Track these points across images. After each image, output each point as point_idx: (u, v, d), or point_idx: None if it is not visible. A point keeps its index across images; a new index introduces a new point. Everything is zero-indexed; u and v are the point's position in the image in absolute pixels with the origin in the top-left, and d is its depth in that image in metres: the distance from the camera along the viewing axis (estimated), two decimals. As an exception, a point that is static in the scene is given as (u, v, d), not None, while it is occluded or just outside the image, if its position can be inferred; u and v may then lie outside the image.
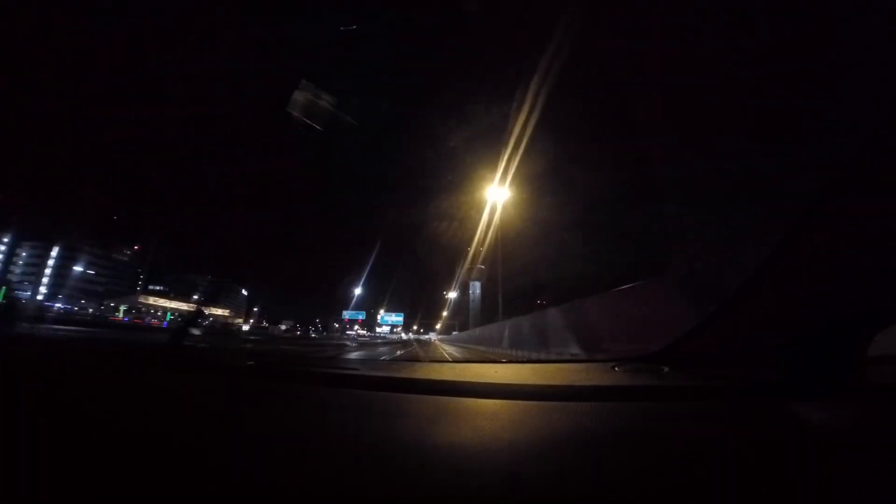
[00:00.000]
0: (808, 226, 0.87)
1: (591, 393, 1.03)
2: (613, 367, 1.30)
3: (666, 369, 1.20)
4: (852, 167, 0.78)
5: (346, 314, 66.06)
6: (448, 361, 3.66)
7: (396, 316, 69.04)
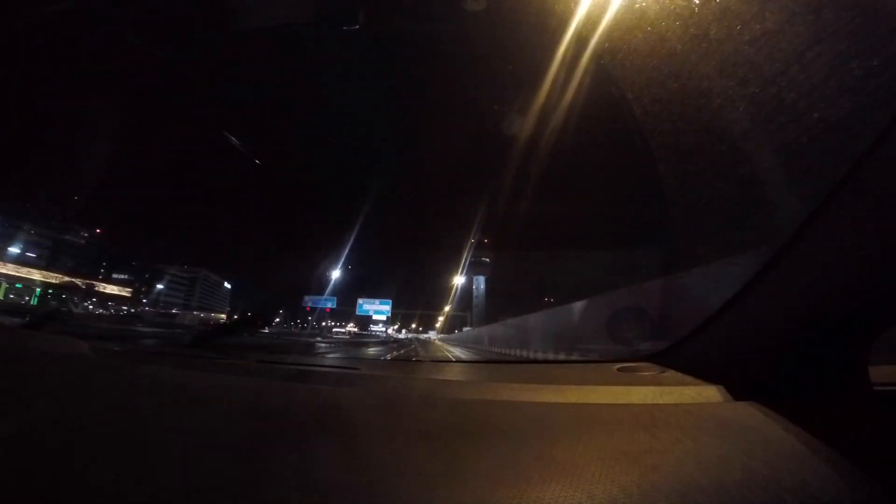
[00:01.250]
0: (810, 227, 0.87)
1: (593, 394, 1.04)
2: (616, 368, 1.30)
3: (668, 370, 1.20)
4: (855, 168, 0.78)
5: (310, 300, 44.80)
6: (450, 361, 3.65)
7: (381, 304, 46.77)
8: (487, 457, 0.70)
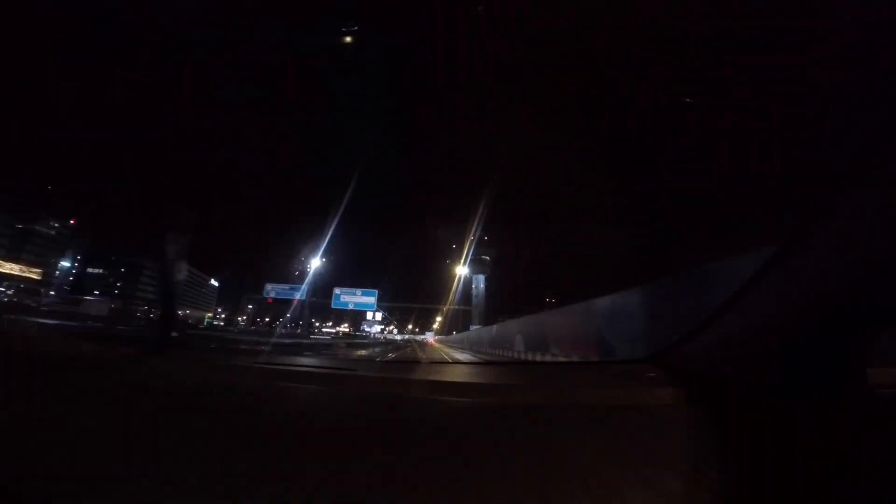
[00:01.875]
0: (809, 227, 0.87)
1: (592, 394, 1.03)
2: (615, 369, 1.30)
3: (667, 370, 1.20)
4: (853, 168, 0.78)
5: (272, 290, 33.84)
6: (447, 362, 3.66)
7: (364, 295, 35.00)
8: (485, 456, 0.70)
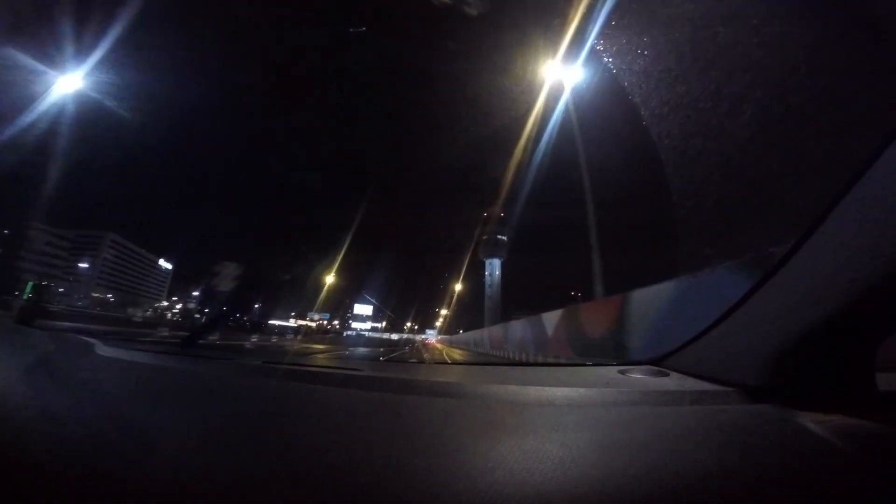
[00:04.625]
0: (817, 229, 0.86)
1: (595, 397, 1.03)
2: (617, 371, 1.30)
3: (670, 373, 1.20)
4: (859, 171, 0.78)
5: None
6: (450, 363, 3.67)
7: None
8: (489, 457, 0.71)
